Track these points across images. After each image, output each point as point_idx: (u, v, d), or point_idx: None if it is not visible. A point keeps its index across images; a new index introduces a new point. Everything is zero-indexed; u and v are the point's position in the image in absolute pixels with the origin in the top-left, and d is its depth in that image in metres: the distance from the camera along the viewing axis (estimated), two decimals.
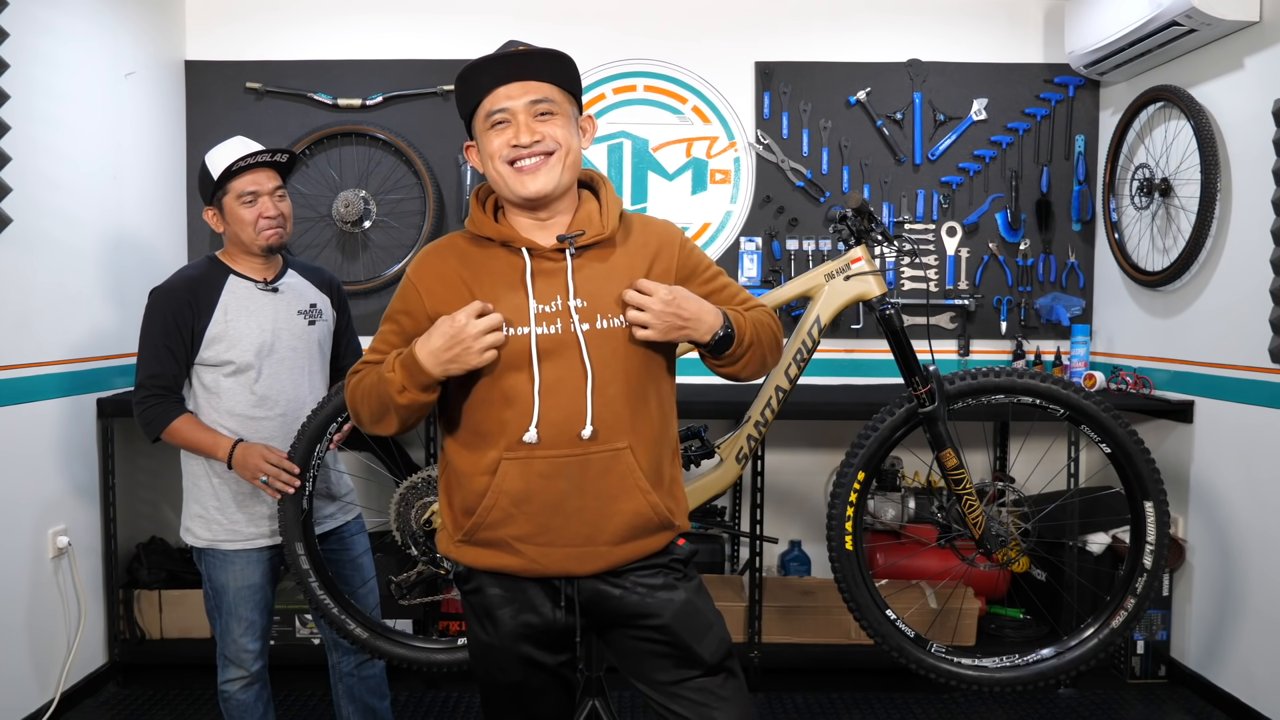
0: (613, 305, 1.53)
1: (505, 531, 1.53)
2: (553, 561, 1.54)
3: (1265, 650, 2.91)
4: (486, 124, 1.54)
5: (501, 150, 1.52)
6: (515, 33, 3.71)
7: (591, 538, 1.54)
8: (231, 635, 2.31)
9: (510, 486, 1.51)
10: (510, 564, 1.55)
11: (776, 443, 3.75)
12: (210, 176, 2.23)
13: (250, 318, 2.25)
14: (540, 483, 1.51)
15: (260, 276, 2.30)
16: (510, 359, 1.50)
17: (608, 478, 1.53)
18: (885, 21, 3.76)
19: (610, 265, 1.57)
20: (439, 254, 1.61)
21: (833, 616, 3.30)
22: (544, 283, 1.53)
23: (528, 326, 1.50)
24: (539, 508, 1.52)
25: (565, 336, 1.51)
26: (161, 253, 3.59)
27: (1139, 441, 2.30)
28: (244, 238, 2.24)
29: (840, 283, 2.26)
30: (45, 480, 2.96)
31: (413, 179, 3.71)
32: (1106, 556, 3.33)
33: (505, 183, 1.54)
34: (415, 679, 3.33)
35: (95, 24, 3.18)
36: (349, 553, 2.46)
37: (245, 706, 2.36)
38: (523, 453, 1.51)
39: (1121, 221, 3.57)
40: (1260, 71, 2.90)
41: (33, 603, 2.91)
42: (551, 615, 1.59)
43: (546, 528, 1.53)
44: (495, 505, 1.52)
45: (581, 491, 1.52)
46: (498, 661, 1.62)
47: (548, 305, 1.52)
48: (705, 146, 3.80)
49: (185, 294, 2.21)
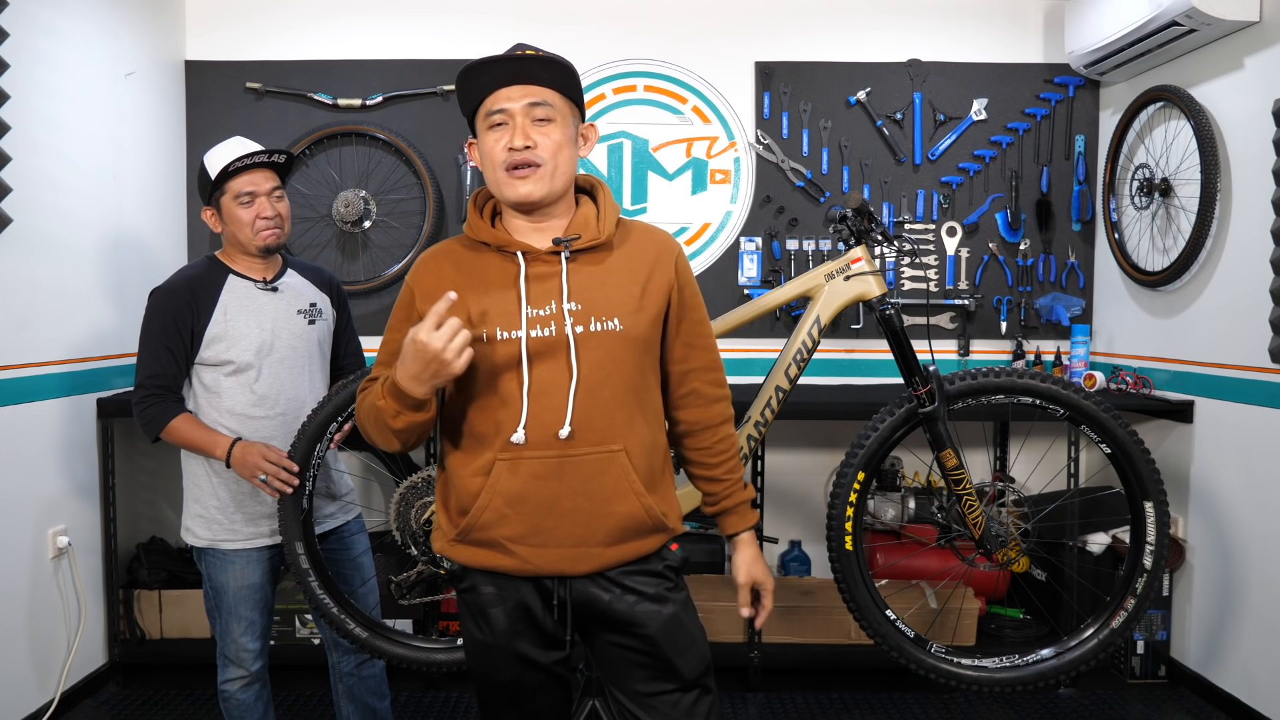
0: (608, 308, 1.54)
1: (498, 532, 1.54)
2: (545, 562, 1.55)
3: (1265, 650, 2.91)
4: (486, 123, 1.55)
5: (498, 154, 1.54)
6: (515, 32, 3.74)
7: (584, 539, 1.55)
8: (231, 635, 2.31)
9: (504, 487, 1.53)
10: (503, 564, 1.56)
11: (776, 443, 3.75)
12: (209, 176, 2.24)
13: (250, 317, 2.25)
14: (533, 484, 1.52)
15: (260, 276, 2.30)
16: (504, 362, 1.52)
17: (603, 479, 1.54)
18: (885, 21, 3.76)
19: (606, 269, 1.58)
20: (435, 260, 1.62)
21: (833, 616, 3.30)
22: (538, 286, 1.54)
23: (520, 330, 1.52)
24: (532, 508, 1.53)
25: (558, 339, 1.52)
26: (161, 253, 3.59)
27: (1139, 442, 2.30)
28: (241, 238, 2.25)
29: (840, 283, 2.27)
30: (45, 480, 2.96)
31: (413, 179, 3.71)
32: (1106, 556, 3.33)
33: (498, 186, 1.56)
34: (415, 679, 3.33)
35: (95, 24, 3.18)
36: (349, 552, 2.46)
37: (245, 706, 2.36)
38: (514, 453, 1.52)
39: (1121, 221, 3.57)
40: (1260, 71, 2.90)
41: (33, 603, 2.91)
42: (542, 615, 1.60)
43: (539, 528, 1.54)
44: (489, 505, 1.53)
45: (574, 493, 1.53)
46: (493, 660, 1.62)
47: (542, 309, 1.53)
48: (705, 146, 3.80)
49: (185, 294, 2.22)
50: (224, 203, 2.24)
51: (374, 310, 3.70)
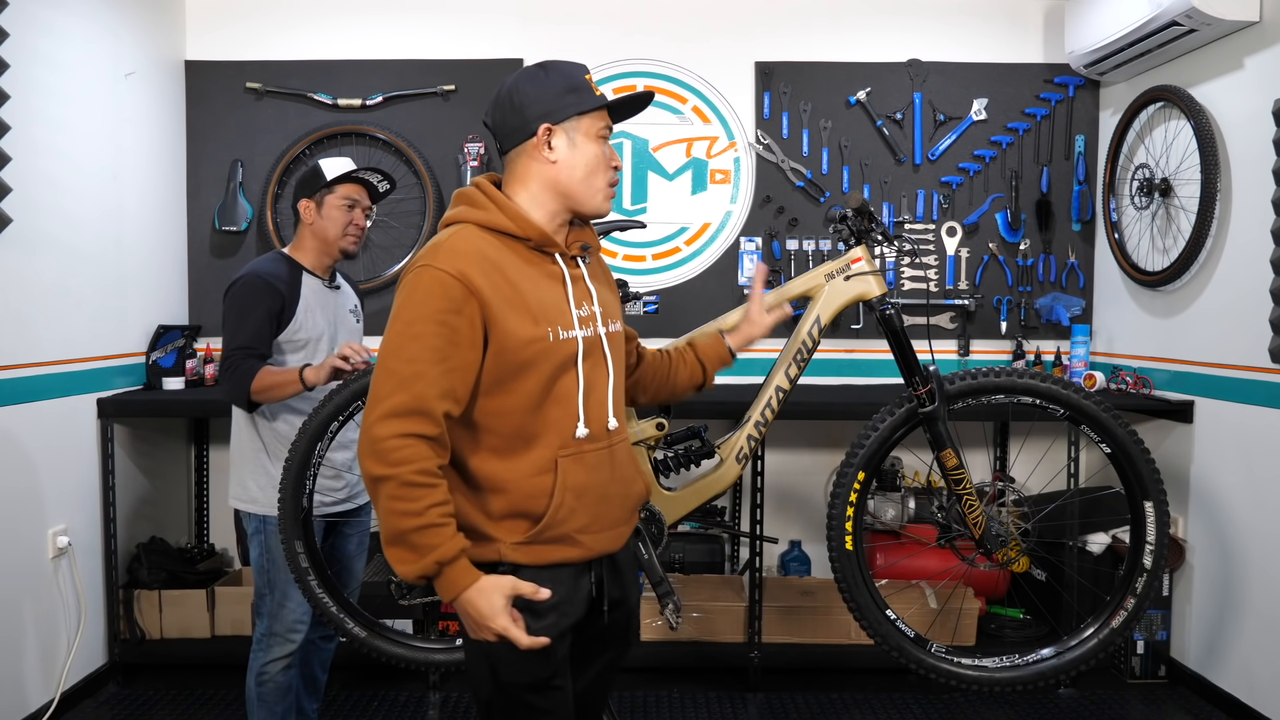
0: (612, 311, 1.67)
1: (570, 526, 1.57)
2: (600, 545, 1.62)
3: (1265, 650, 2.91)
4: (597, 132, 1.59)
5: (605, 165, 1.60)
6: (517, 33, 3.74)
7: (620, 519, 1.66)
8: (288, 605, 2.40)
9: (573, 482, 1.56)
10: (571, 555, 1.59)
11: (776, 443, 3.75)
12: (322, 174, 2.45)
13: (321, 313, 2.46)
14: (590, 475, 1.59)
15: (325, 276, 2.50)
16: (562, 361, 1.55)
17: (629, 465, 1.68)
18: (885, 21, 3.76)
19: (601, 275, 1.72)
20: (474, 253, 1.51)
21: (833, 616, 3.30)
22: (575, 288, 1.61)
23: (574, 330, 1.57)
24: (593, 498, 1.59)
25: (595, 339, 1.61)
26: (161, 253, 3.59)
27: (1139, 441, 2.30)
28: (330, 234, 2.44)
29: (840, 283, 2.26)
30: (45, 480, 2.96)
31: (413, 179, 3.71)
32: (1106, 556, 3.33)
33: (595, 197, 1.61)
34: (415, 679, 3.33)
35: (95, 24, 3.18)
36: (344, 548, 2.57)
37: (282, 690, 2.44)
38: (574, 449, 1.57)
39: (1121, 221, 3.57)
40: (1260, 71, 2.90)
41: (33, 603, 2.91)
42: (584, 605, 1.63)
43: (598, 515, 1.61)
44: (563, 503, 1.55)
45: (614, 479, 1.63)
46: (535, 658, 1.55)
47: (580, 309, 1.60)
48: (705, 146, 3.80)
49: (282, 287, 2.39)
50: (328, 200, 2.43)
51: (374, 310, 3.68)
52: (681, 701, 3.21)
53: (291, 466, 2.24)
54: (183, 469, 3.81)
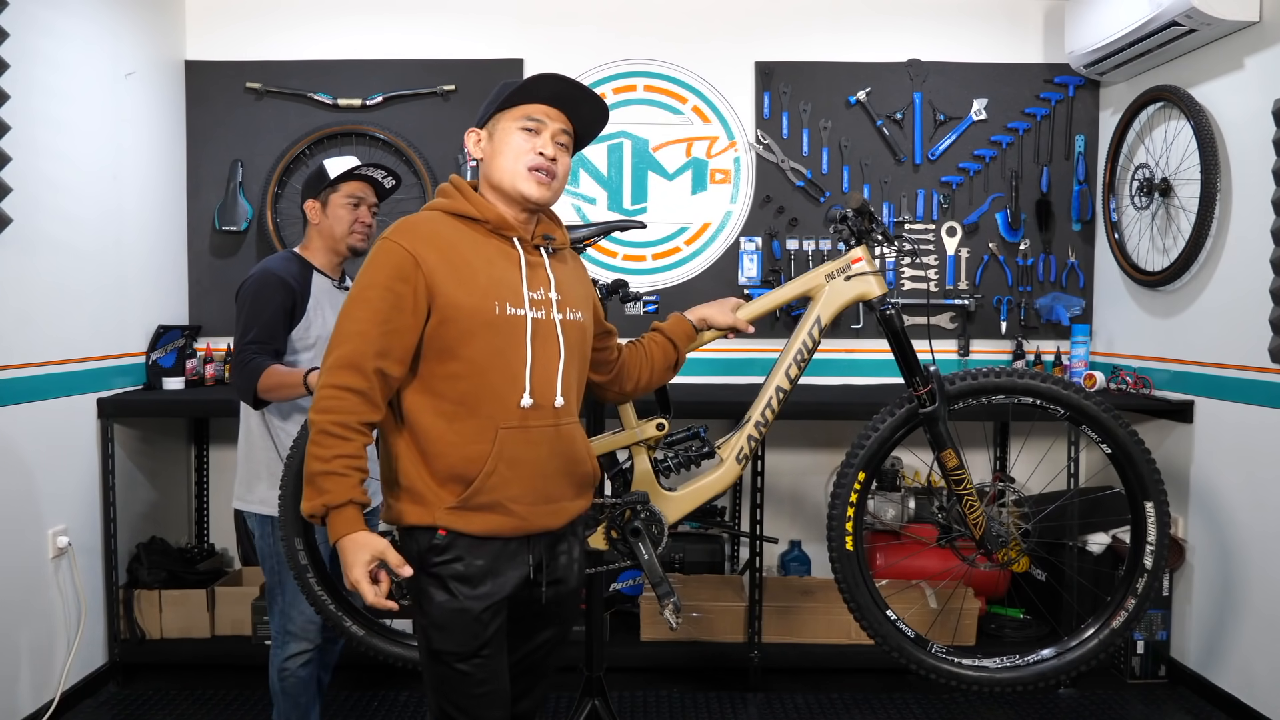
0: (575, 302, 1.77)
1: (501, 494, 1.65)
2: (537, 518, 1.70)
3: (1265, 650, 2.91)
4: (518, 123, 1.72)
5: (525, 151, 1.70)
6: (516, 33, 3.75)
7: (560, 495, 1.74)
8: (300, 605, 2.39)
9: (509, 452, 1.65)
10: (504, 525, 1.67)
11: (776, 443, 3.75)
12: (326, 174, 2.47)
13: (331, 312, 2.45)
14: (530, 450, 1.68)
15: (335, 276, 2.52)
16: (508, 335, 1.66)
17: (575, 445, 1.76)
18: (885, 21, 3.76)
19: (568, 270, 1.83)
20: (428, 231, 1.67)
21: (833, 616, 3.30)
22: (531, 272, 1.72)
23: (523, 308, 1.68)
24: (529, 471, 1.68)
25: (547, 322, 1.71)
26: (161, 253, 3.59)
27: (1139, 442, 2.30)
28: (337, 233, 2.47)
29: (841, 283, 2.26)
30: (45, 480, 2.96)
31: (412, 179, 3.71)
32: (1106, 556, 3.33)
33: (515, 180, 1.71)
34: (415, 679, 3.33)
35: (95, 24, 3.18)
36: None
37: (304, 684, 2.45)
38: (516, 420, 1.66)
39: (1121, 221, 3.57)
40: (1260, 71, 2.90)
41: (33, 603, 2.91)
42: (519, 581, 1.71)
43: (534, 489, 1.69)
44: (495, 470, 1.64)
45: (555, 455, 1.71)
46: (467, 627, 1.66)
47: (535, 292, 1.71)
48: (705, 146, 3.80)
49: (295, 285, 2.41)
50: (333, 199, 2.46)
51: None
52: (681, 701, 3.21)
53: (292, 465, 2.24)
54: (183, 469, 3.81)
